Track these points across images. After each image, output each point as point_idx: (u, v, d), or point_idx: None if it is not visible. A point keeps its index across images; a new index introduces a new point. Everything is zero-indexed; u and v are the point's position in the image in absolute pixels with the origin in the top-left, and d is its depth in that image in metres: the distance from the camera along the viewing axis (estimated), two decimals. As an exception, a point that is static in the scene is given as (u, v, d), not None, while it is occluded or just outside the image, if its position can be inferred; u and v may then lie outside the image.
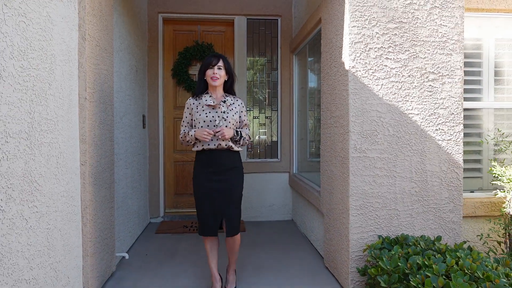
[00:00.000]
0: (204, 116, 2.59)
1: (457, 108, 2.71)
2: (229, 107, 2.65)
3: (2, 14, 1.57)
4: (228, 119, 2.60)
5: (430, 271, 1.96)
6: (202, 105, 2.64)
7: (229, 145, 2.61)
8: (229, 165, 2.63)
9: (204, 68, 2.68)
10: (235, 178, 2.65)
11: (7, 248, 1.61)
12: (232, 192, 2.62)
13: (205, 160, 2.62)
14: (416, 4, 2.66)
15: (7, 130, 1.61)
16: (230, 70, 2.72)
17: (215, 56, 2.68)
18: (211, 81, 2.64)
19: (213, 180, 2.60)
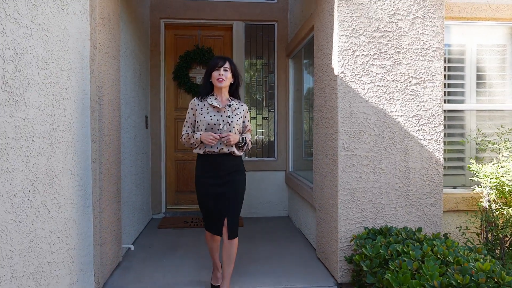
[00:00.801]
0: (209, 119, 2.58)
1: (438, 110, 2.94)
2: (234, 111, 2.64)
3: (29, 30, 1.80)
4: (232, 123, 2.60)
5: (407, 257, 2.19)
6: (206, 107, 2.62)
7: (231, 150, 2.60)
8: (232, 169, 2.63)
9: (210, 69, 2.66)
10: (237, 181, 2.65)
11: (34, 234, 1.84)
12: (235, 195, 2.63)
13: (207, 164, 2.61)
14: (399, 14, 2.90)
15: (34, 130, 1.84)
16: (236, 72, 2.71)
17: (222, 58, 2.66)
18: (217, 82, 2.62)
19: (215, 184, 2.60)
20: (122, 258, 3.37)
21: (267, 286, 2.88)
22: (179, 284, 2.91)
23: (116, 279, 2.98)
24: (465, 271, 1.92)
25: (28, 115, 1.79)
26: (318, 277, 3.04)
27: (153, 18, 4.90)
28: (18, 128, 1.69)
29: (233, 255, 2.67)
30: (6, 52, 1.60)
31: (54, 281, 2.07)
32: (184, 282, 2.94)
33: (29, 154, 1.80)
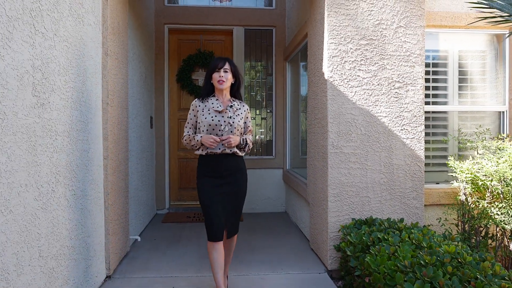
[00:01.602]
0: (210, 120, 2.55)
1: (419, 111, 3.20)
2: (235, 112, 2.63)
3: (53, 42, 2.07)
4: (234, 124, 2.57)
5: (387, 243, 2.46)
6: (208, 108, 2.60)
7: (233, 150, 2.60)
8: (234, 169, 2.62)
9: (210, 71, 2.64)
10: (240, 180, 2.65)
11: (56, 220, 2.11)
12: (238, 194, 2.64)
13: (209, 164, 2.59)
14: (384, 24, 3.16)
15: (56, 130, 2.11)
16: (236, 73, 2.69)
17: (222, 59, 2.64)
18: (218, 84, 2.60)
19: (218, 183, 2.58)
20: (129, 249, 3.64)
21: (263, 272, 3.14)
22: (182, 271, 3.18)
23: (124, 267, 3.25)
24: (434, 253, 2.18)
25: (52, 116, 2.06)
26: (310, 265, 3.30)
27: (158, 24, 5.17)
28: (44, 127, 1.97)
29: (232, 247, 2.80)
30: (35, 62, 1.88)
31: (72, 263, 2.34)
32: (187, 270, 3.21)
33: (53, 150, 2.07)
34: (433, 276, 1.90)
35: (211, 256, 2.56)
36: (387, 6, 3.16)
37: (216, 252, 2.55)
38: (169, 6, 5.26)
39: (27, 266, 1.80)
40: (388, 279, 2.06)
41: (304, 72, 4.53)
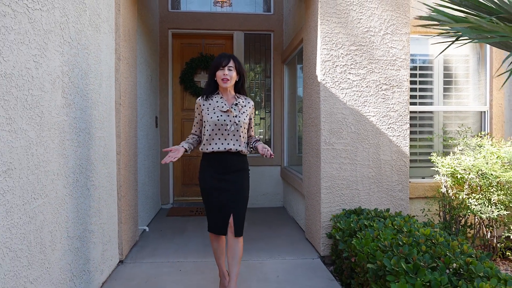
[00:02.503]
0: (216, 119, 2.54)
1: (404, 111, 3.50)
2: (240, 110, 2.61)
3: (77, 50, 2.37)
4: (240, 123, 2.56)
5: (372, 229, 2.75)
6: (213, 107, 2.58)
7: (239, 149, 2.58)
8: (238, 167, 2.61)
9: (214, 68, 2.59)
10: (243, 179, 2.64)
11: (80, 206, 2.41)
12: (241, 192, 2.60)
13: (213, 162, 2.58)
14: (372, 31, 3.46)
15: (79, 127, 2.40)
16: (241, 70, 2.64)
17: (226, 56, 2.58)
18: (222, 83, 2.56)
19: (222, 180, 2.57)
20: (138, 238, 3.94)
21: (262, 258, 3.44)
22: (187, 256, 3.47)
23: (135, 254, 3.54)
24: (412, 235, 2.47)
25: (76, 115, 2.35)
26: (304, 252, 3.60)
27: (162, 29, 5.47)
28: (71, 125, 2.26)
29: (239, 255, 2.58)
30: (64, 68, 2.17)
31: (92, 246, 2.63)
32: (193, 255, 3.50)
33: (77, 145, 2.36)
34: (408, 253, 2.19)
35: (213, 244, 2.65)
36: (375, 15, 3.46)
37: (217, 241, 2.63)
38: (173, 12, 5.55)
39: (58, 244, 2.09)
40: (371, 258, 2.35)
41: (300, 74, 4.82)
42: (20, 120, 1.70)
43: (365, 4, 3.44)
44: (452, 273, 2.05)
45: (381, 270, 2.20)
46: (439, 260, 2.14)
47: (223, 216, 2.56)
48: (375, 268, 2.24)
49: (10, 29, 1.62)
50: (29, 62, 1.78)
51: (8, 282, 1.61)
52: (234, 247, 2.57)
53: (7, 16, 1.60)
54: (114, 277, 3.03)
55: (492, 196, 3.25)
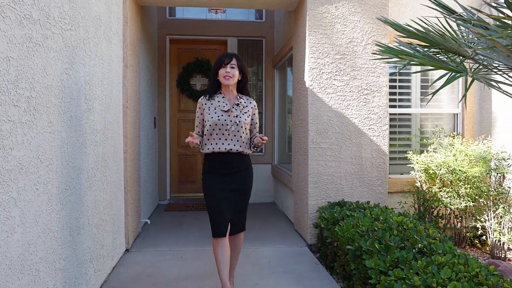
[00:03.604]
0: (216, 119, 2.53)
1: (384, 114, 3.90)
2: (242, 110, 2.59)
3: (95, 61, 2.70)
4: (240, 123, 2.55)
5: (352, 217, 3.13)
6: (214, 107, 2.58)
7: (240, 149, 2.57)
8: (241, 167, 2.61)
9: (216, 67, 2.59)
10: (247, 178, 2.66)
11: (97, 198, 2.74)
12: (245, 191, 2.64)
13: (216, 163, 2.58)
14: (355, 42, 3.84)
15: (96, 128, 2.73)
16: (243, 69, 2.63)
17: (228, 55, 2.58)
18: (224, 80, 2.55)
19: (225, 180, 2.57)
20: (141, 230, 4.27)
21: (254, 246, 3.80)
22: (187, 246, 3.82)
23: (138, 244, 3.88)
24: (386, 222, 2.86)
25: (94, 118, 2.69)
26: (293, 241, 3.97)
27: (160, 35, 5.79)
28: (90, 127, 2.59)
29: (239, 246, 2.71)
30: (86, 78, 2.50)
31: (105, 234, 2.96)
32: (192, 245, 3.85)
33: (94, 144, 2.70)
34: (381, 236, 2.58)
35: (216, 252, 2.52)
36: (358, 27, 3.85)
37: (221, 248, 2.52)
38: (170, 19, 5.88)
39: (82, 229, 2.43)
40: (350, 241, 2.73)
41: (290, 78, 5.19)
42: (56, 124, 2.03)
43: (349, 18, 3.82)
44: (417, 252, 2.44)
45: (358, 251, 2.58)
46: (407, 242, 2.53)
47: (226, 220, 2.54)
48: (354, 249, 2.62)
49: (50, 48, 1.96)
50: (62, 75, 2.12)
51: (49, 257, 1.94)
52: (237, 242, 2.70)
53: (49, 38, 1.94)
54: (122, 263, 3.37)
55: (460, 190, 3.66)
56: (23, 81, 1.69)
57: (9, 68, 1.58)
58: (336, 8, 3.80)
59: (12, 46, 1.60)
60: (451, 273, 2.01)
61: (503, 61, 1.37)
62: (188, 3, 4.18)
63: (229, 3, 4.17)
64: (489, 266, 2.12)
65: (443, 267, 2.09)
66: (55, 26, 2.02)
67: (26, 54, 1.72)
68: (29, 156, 1.74)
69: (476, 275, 2.03)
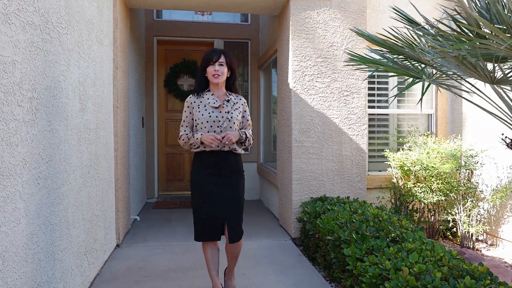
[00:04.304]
0: (207, 116, 2.45)
1: (362, 114, 4.12)
2: (233, 106, 2.52)
3: (88, 63, 2.83)
4: (232, 119, 2.48)
5: (333, 211, 3.33)
6: (204, 104, 2.49)
7: (232, 147, 2.49)
8: (232, 168, 2.52)
9: (204, 64, 2.51)
10: (239, 181, 2.55)
11: (90, 194, 2.87)
12: (237, 196, 2.51)
13: (206, 162, 2.49)
14: (335, 46, 4.06)
15: (90, 127, 2.86)
16: (232, 66, 2.56)
17: (216, 52, 2.50)
18: (213, 78, 2.47)
19: (215, 183, 2.47)
20: (130, 226, 4.39)
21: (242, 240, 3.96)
22: (176, 241, 3.97)
23: (128, 239, 4.01)
24: (363, 215, 3.08)
25: (88, 117, 2.82)
26: (278, 235, 4.16)
27: (148, 36, 5.91)
28: (84, 126, 2.73)
29: (237, 253, 2.61)
30: (80, 79, 2.63)
31: (98, 229, 3.09)
32: (180, 240, 4.00)
33: (88, 143, 2.83)
34: (359, 227, 2.78)
35: (206, 254, 2.56)
36: (338, 32, 4.06)
37: (210, 250, 2.54)
38: (158, 20, 6.01)
39: (77, 223, 2.56)
40: (330, 233, 2.93)
41: (275, 79, 5.38)
42: (55, 122, 2.17)
43: (329, 23, 4.03)
44: (390, 240, 2.65)
45: (337, 241, 2.79)
46: (381, 232, 2.74)
47: (213, 224, 2.47)
48: (333, 239, 2.82)
49: (49, 51, 2.09)
50: (60, 76, 2.25)
51: (49, 248, 2.08)
52: (235, 249, 2.58)
53: (48, 42, 2.08)
54: (114, 257, 3.50)
55: (433, 185, 3.91)
56: (26, 83, 1.83)
57: (14, 71, 1.72)
58: (317, 14, 4.01)
59: (17, 50, 1.74)
60: (418, 258, 2.23)
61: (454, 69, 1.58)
62: (176, 6, 4.33)
63: (217, 7, 4.33)
64: (452, 251, 2.35)
65: (412, 253, 2.30)
66: (53, 30, 2.15)
67: (28, 57, 1.85)
68: (31, 152, 1.88)
69: (440, 259, 2.25)
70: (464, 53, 1.40)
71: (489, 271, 2.05)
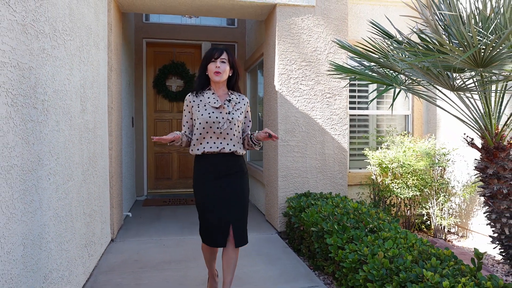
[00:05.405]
0: (207, 117, 2.36)
1: (344, 115, 4.39)
2: (234, 107, 2.42)
3: (87, 66, 3.00)
4: (233, 120, 2.38)
5: (316, 205, 3.59)
6: (204, 104, 2.40)
7: (233, 149, 2.40)
8: (235, 170, 2.43)
9: (205, 61, 2.42)
10: (242, 182, 2.46)
11: (90, 190, 3.04)
12: (241, 198, 2.42)
13: (207, 165, 2.40)
14: (318, 50, 4.31)
15: (89, 127, 3.03)
16: (234, 64, 2.46)
17: (218, 49, 2.41)
18: (214, 76, 2.37)
19: (218, 186, 2.38)
20: (123, 222, 4.55)
21: (230, 234, 4.19)
22: (167, 235, 4.16)
23: (122, 234, 4.17)
24: (344, 208, 3.34)
25: (88, 118, 2.99)
26: (265, 230, 4.40)
27: (137, 38, 6.06)
28: (85, 126, 2.90)
29: (235, 263, 2.43)
30: (81, 82, 2.81)
31: (96, 223, 3.26)
32: (172, 235, 4.19)
33: (88, 142, 3.00)
34: (340, 219, 3.04)
35: (206, 254, 2.51)
36: (321, 38, 4.32)
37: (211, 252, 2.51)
38: (147, 23, 6.16)
39: (79, 217, 2.74)
40: (314, 225, 3.18)
41: (261, 81, 5.62)
42: (62, 123, 2.34)
43: (313, 29, 4.29)
44: (368, 231, 2.92)
45: (321, 232, 3.04)
46: (361, 223, 3.01)
47: (222, 229, 2.35)
48: (317, 231, 3.07)
49: (57, 57, 2.27)
50: (65, 80, 2.43)
51: (57, 238, 2.26)
52: (231, 255, 2.41)
53: (56, 49, 2.25)
54: (109, 251, 3.67)
55: (409, 181, 4.21)
56: (39, 87, 2.01)
57: (30, 76, 1.89)
58: (302, 20, 4.26)
59: (32, 57, 1.92)
60: (393, 244, 2.49)
61: (421, 78, 1.84)
62: (167, 11, 4.51)
63: (206, 12, 4.53)
64: (423, 239, 2.63)
65: (387, 240, 2.57)
66: (59, 37, 2.33)
67: (41, 63, 2.03)
68: (43, 150, 2.05)
69: (412, 245, 2.52)
70: (428, 64, 1.65)
71: (453, 254, 2.33)
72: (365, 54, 2.24)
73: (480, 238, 4.16)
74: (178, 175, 6.52)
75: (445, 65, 1.67)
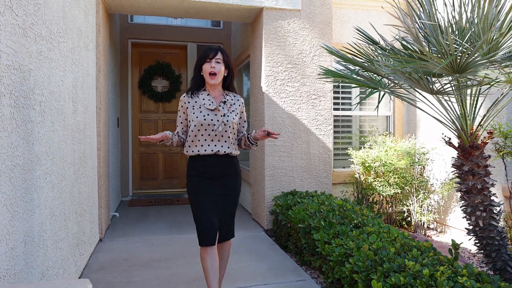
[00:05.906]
0: (202, 119, 2.35)
1: (328, 115, 4.54)
2: (229, 108, 2.42)
3: (78, 67, 3.03)
4: (228, 123, 2.37)
5: (303, 203, 3.71)
6: (199, 105, 2.39)
7: (228, 151, 2.40)
8: (229, 170, 2.45)
9: (200, 61, 2.41)
10: (236, 183, 2.50)
11: (81, 189, 3.07)
12: (235, 198, 2.50)
13: (201, 166, 2.40)
14: (304, 53, 4.45)
15: (79, 127, 3.07)
16: (229, 64, 2.44)
17: (213, 48, 2.40)
18: (209, 78, 2.36)
19: (212, 185, 2.40)
20: (110, 222, 4.57)
21: (218, 233, 4.27)
22: (155, 235, 4.21)
23: (110, 234, 4.20)
24: (330, 205, 3.47)
25: (79, 118, 3.02)
26: (252, 228, 4.50)
27: (123, 39, 6.06)
28: (76, 126, 2.93)
29: (226, 257, 2.57)
30: (73, 83, 2.84)
31: (86, 223, 3.29)
32: (159, 234, 4.24)
33: (79, 142, 3.03)
34: (326, 216, 3.17)
35: (205, 263, 2.35)
36: (306, 41, 4.45)
37: (210, 258, 2.35)
38: (132, 23, 6.17)
39: (72, 216, 2.77)
40: (301, 222, 3.30)
41: (246, 82, 5.72)
42: (56, 123, 2.39)
43: (299, 32, 4.41)
44: (353, 226, 3.06)
45: (308, 228, 3.16)
46: (346, 219, 3.14)
47: (215, 226, 2.39)
48: (304, 227, 3.19)
49: (52, 59, 2.31)
50: (59, 82, 2.47)
51: (53, 237, 2.30)
52: (226, 249, 2.55)
53: (51, 51, 2.29)
54: (98, 250, 3.69)
55: (390, 179, 4.39)
56: (37, 88, 2.05)
57: (29, 78, 1.94)
58: (288, 23, 4.38)
59: (31, 59, 1.96)
60: (377, 238, 2.64)
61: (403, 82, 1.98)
62: (154, 12, 4.56)
63: (194, 14, 4.60)
64: (405, 233, 2.78)
65: (371, 235, 2.71)
66: (54, 40, 2.37)
67: (39, 65, 2.08)
68: (41, 150, 2.10)
69: (395, 239, 2.67)
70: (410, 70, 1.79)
71: (433, 246, 2.49)
72: (352, 59, 2.37)
73: (457, 233, 4.38)
74: (163, 175, 6.55)
75: (426, 71, 1.81)
